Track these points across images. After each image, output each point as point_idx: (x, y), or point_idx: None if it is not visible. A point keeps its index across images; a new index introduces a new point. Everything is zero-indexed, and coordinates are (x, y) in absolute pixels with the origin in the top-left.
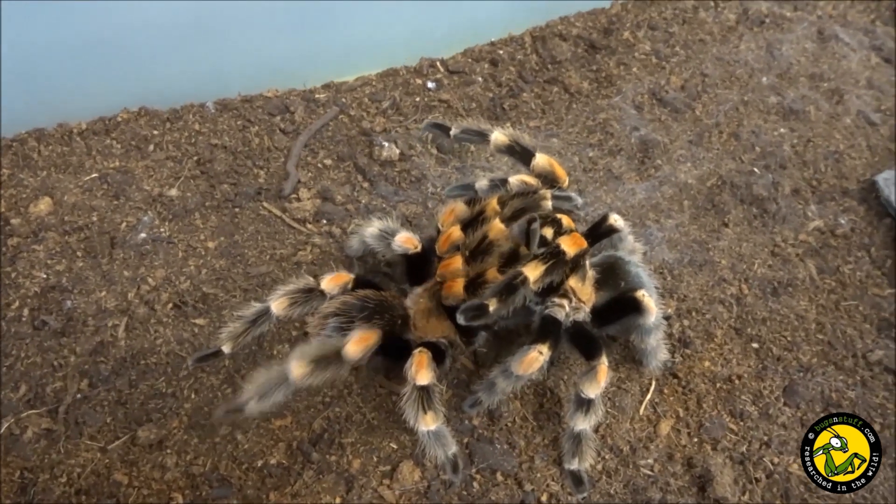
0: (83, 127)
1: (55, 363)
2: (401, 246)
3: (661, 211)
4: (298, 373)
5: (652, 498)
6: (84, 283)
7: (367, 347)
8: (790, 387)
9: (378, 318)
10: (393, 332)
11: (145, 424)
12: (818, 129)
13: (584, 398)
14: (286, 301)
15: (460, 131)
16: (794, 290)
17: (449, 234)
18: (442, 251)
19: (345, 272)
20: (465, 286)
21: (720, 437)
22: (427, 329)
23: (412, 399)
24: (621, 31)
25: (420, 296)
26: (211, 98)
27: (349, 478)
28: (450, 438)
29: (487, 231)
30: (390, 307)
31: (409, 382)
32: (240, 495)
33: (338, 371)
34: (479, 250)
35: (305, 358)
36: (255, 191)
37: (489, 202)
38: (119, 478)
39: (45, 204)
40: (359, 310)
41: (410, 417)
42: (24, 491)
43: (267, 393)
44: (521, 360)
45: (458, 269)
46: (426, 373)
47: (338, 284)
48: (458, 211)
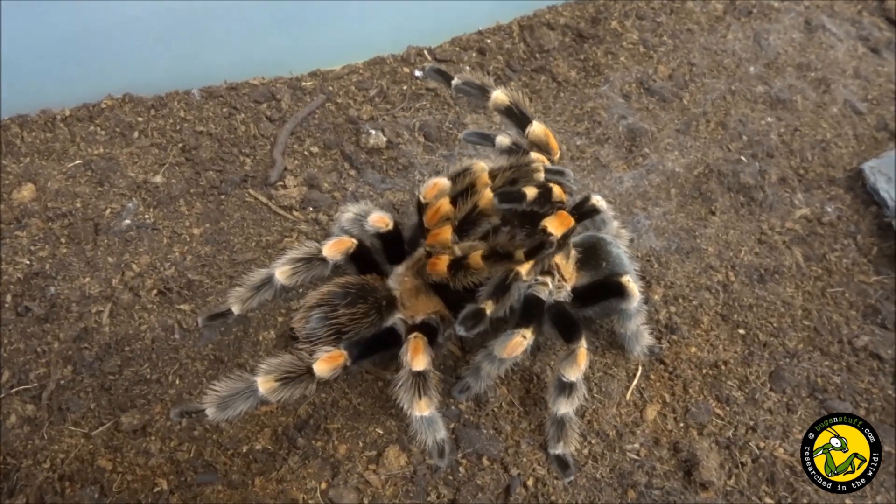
0: (67, 113)
1: (38, 349)
2: (373, 226)
3: (649, 199)
4: (266, 388)
5: (638, 482)
6: (68, 269)
7: (337, 366)
8: (776, 372)
9: (361, 302)
10: (379, 314)
11: (129, 410)
12: (805, 119)
13: (566, 382)
14: (289, 269)
15: (462, 82)
16: (780, 277)
17: (438, 206)
18: (431, 224)
19: (346, 237)
20: (448, 265)
21: (706, 422)
22: (417, 307)
23: (407, 385)
24: (609, 20)
25: (404, 275)
26: (196, 85)
27: (335, 463)
28: (441, 424)
29: (477, 201)
30: (372, 290)
31: (404, 367)
32: (225, 481)
33: (307, 387)
34: (468, 220)
35: (274, 373)
36: (241, 178)
37: (480, 175)
38: (103, 464)
39: (28, 190)
40: (341, 297)
41: (405, 403)
42: (7, 477)
43: (230, 403)
44: (506, 344)
45: (447, 239)
46: (422, 358)
47: (339, 250)
48: (441, 185)
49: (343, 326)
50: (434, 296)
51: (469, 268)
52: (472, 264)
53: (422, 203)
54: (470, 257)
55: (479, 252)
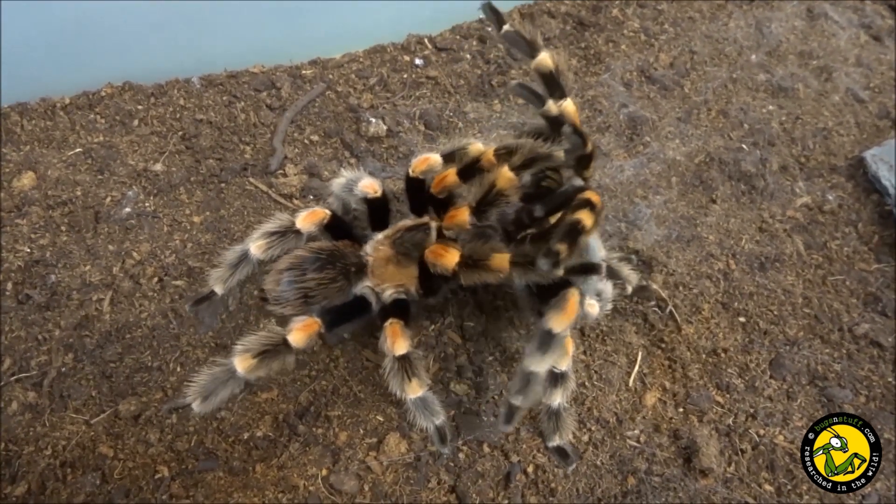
0: (67, 101)
1: (39, 337)
2: (361, 191)
3: (650, 187)
4: (244, 366)
5: (638, 468)
6: (68, 257)
7: (312, 334)
8: (776, 360)
9: (329, 267)
10: (347, 280)
11: (130, 397)
12: (807, 107)
13: (557, 372)
14: (264, 243)
15: (513, 31)
16: (781, 265)
17: (445, 175)
18: (437, 191)
19: (320, 208)
20: (460, 263)
21: (706, 410)
22: (385, 276)
23: (394, 370)
24: (610, 8)
25: (380, 243)
26: (196, 73)
27: (335, 450)
28: (437, 406)
29: (495, 180)
30: (342, 256)
31: (387, 356)
32: (226, 467)
33: (285, 359)
34: (486, 201)
35: (250, 351)
36: (241, 166)
37: (485, 152)
38: (104, 450)
39: (28, 178)
40: (311, 262)
41: (396, 388)
42: (8, 463)
43: (212, 392)
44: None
45: (465, 220)
46: (402, 342)
47: (313, 222)
48: (431, 160)
49: (310, 291)
50: (404, 268)
51: (488, 269)
52: (496, 267)
53: (410, 177)
54: (494, 259)
55: (506, 257)
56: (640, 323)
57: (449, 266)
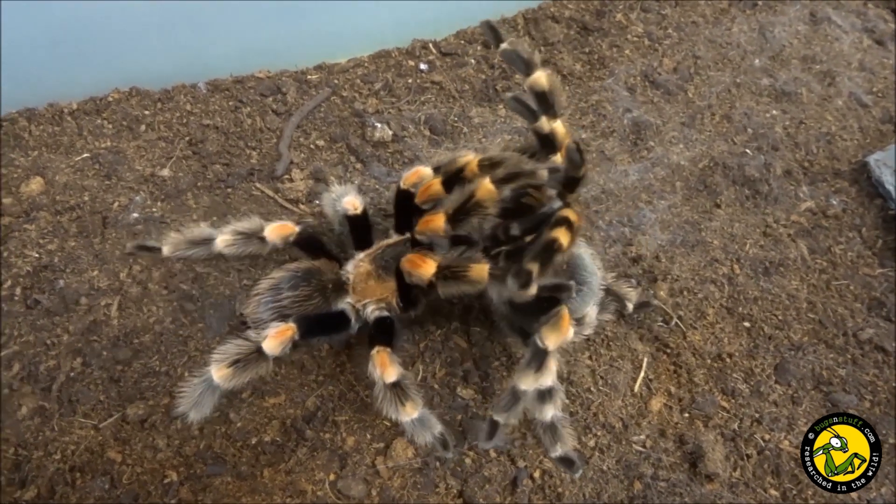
0: (74, 107)
1: (48, 342)
2: (343, 207)
3: (654, 192)
4: (220, 375)
5: (644, 473)
6: (76, 262)
7: (286, 340)
8: (781, 365)
9: (304, 285)
10: (324, 297)
11: (138, 402)
12: (810, 111)
13: (543, 389)
14: (230, 239)
15: (511, 48)
16: (785, 269)
17: (430, 185)
18: (421, 200)
19: (290, 223)
20: (437, 273)
21: (712, 415)
22: (366, 291)
23: (387, 398)
24: (613, 13)
25: (361, 260)
26: (203, 79)
27: (343, 455)
28: (433, 420)
29: (475, 190)
30: (317, 273)
31: (377, 383)
32: (234, 472)
33: (262, 366)
34: (463, 210)
35: (225, 361)
36: (248, 171)
37: (470, 162)
38: (113, 455)
39: (36, 184)
40: (287, 280)
41: (391, 413)
42: (18, 468)
43: (199, 401)
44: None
45: (440, 227)
46: (391, 369)
47: (280, 235)
48: (422, 173)
49: (285, 309)
50: (384, 282)
51: (466, 280)
52: (475, 277)
53: (401, 190)
54: (472, 270)
55: (485, 267)
56: (645, 332)
57: (425, 275)
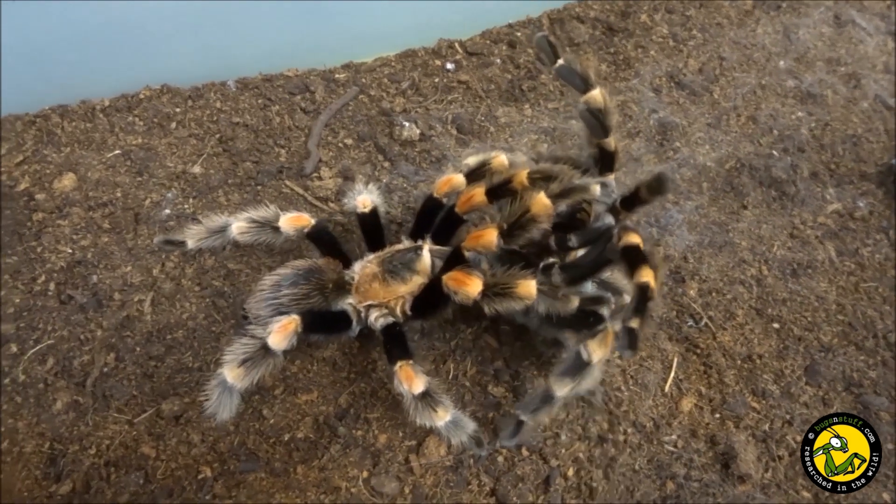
0: (106, 104)
1: (82, 337)
2: (355, 205)
3: (681, 193)
4: (233, 375)
5: (676, 474)
6: (109, 258)
7: (290, 333)
8: (811, 366)
9: (304, 283)
10: (323, 296)
11: (172, 397)
12: (835, 113)
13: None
14: (245, 226)
15: (566, 64)
16: (813, 271)
17: (472, 194)
18: (463, 210)
19: (306, 215)
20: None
21: (743, 416)
22: (368, 294)
23: (419, 408)
24: (638, 13)
25: (369, 261)
26: (232, 77)
27: (375, 452)
28: (466, 419)
29: (530, 206)
30: (318, 272)
31: (405, 396)
32: (267, 468)
33: (271, 362)
34: (517, 224)
35: (235, 361)
36: (277, 169)
37: (516, 174)
38: (147, 451)
39: (69, 180)
40: (288, 278)
41: (425, 421)
42: (53, 462)
43: (221, 402)
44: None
45: (492, 242)
46: (418, 381)
47: (295, 226)
48: (454, 181)
49: (283, 306)
50: (388, 287)
51: (513, 297)
52: (522, 294)
53: (432, 197)
54: (520, 286)
55: (532, 283)
56: (674, 332)
57: (472, 294)
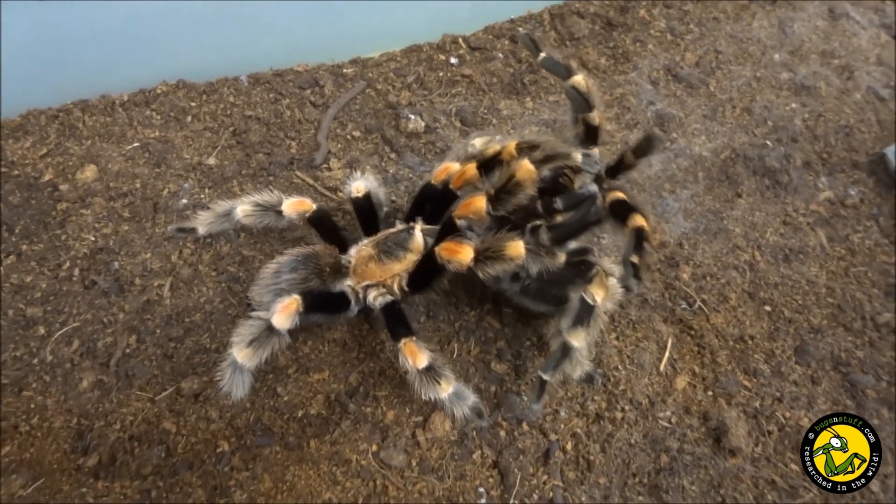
0: (125, 98)
1: (105, 320)
2: (350, 190)
3: (677, 182)
4: (242, 356)
5: (670, 447)
6: (130, 245)
7: (292, 313)
8: (801, 347)
9: (302, 268)
10: (321, 280)
11: (191, 377)
12: (829, 104)
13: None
14: (249, 209)
15: (548, 56)
16: (805, 256)
17: (465, 169)
18: (456, 186)
19: (308, 200)
20: (475, 256)
21: (734, 393)
22: (366, 274)
23: (423, 381)
24: (637, 8)
25: (365, 245)
26: (244, 72)
27: (384, 427)
28: (467, 391)
29: (515, 171)
30: (315, 257)
31: (410, 371)
32: (282, 443)
33: (277, 341)
34: (504, 189)
35: (243, 342)
36: (288, 160)
37: (506, 146)
38: (168, 426)
39: (90, 171)
40: (287, 264)
41: (430, 394)
42: (81, 437)
43: (233, 381)
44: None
45: (481, 208)
46: (422, 356)
47: (297, 210)
48: (451, 169)
49: (283, 291)
50: (384, 266)
51: (503, 259)
52: (512, 255)
53: (429, 183)
54: (509, 247)
55: (520, 244)
56: (669, 315)
57: (465, 261)
